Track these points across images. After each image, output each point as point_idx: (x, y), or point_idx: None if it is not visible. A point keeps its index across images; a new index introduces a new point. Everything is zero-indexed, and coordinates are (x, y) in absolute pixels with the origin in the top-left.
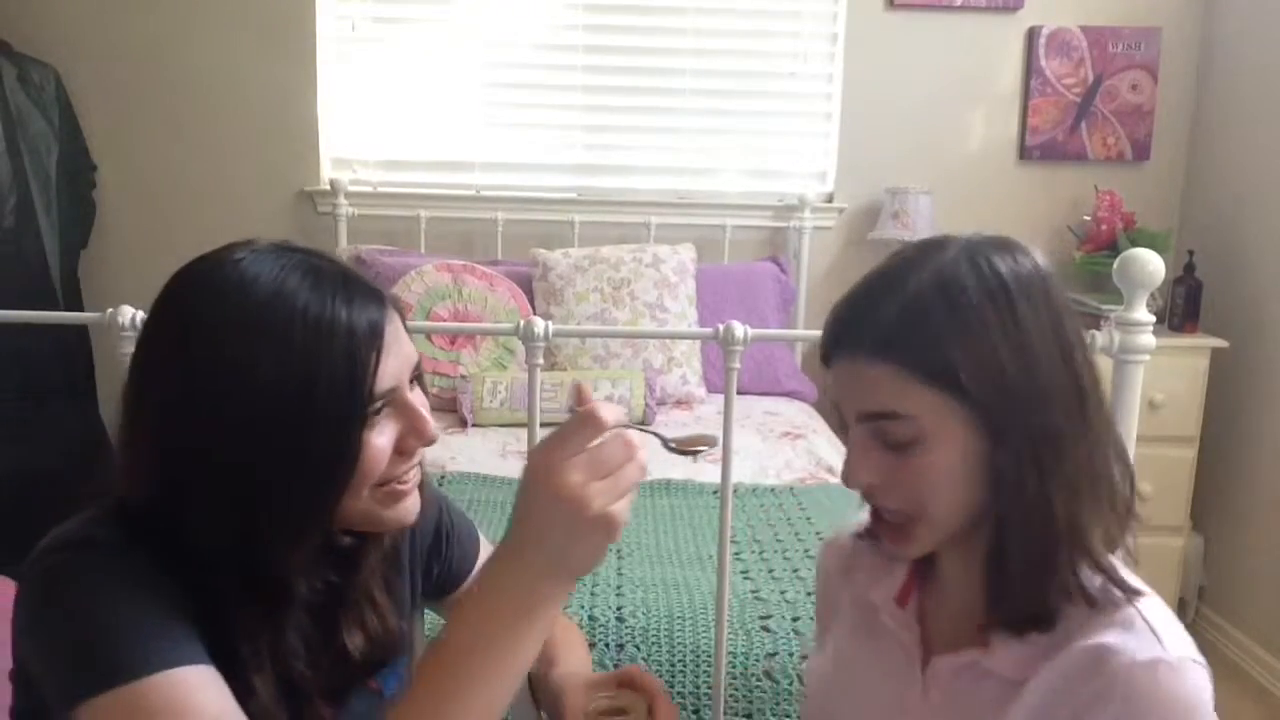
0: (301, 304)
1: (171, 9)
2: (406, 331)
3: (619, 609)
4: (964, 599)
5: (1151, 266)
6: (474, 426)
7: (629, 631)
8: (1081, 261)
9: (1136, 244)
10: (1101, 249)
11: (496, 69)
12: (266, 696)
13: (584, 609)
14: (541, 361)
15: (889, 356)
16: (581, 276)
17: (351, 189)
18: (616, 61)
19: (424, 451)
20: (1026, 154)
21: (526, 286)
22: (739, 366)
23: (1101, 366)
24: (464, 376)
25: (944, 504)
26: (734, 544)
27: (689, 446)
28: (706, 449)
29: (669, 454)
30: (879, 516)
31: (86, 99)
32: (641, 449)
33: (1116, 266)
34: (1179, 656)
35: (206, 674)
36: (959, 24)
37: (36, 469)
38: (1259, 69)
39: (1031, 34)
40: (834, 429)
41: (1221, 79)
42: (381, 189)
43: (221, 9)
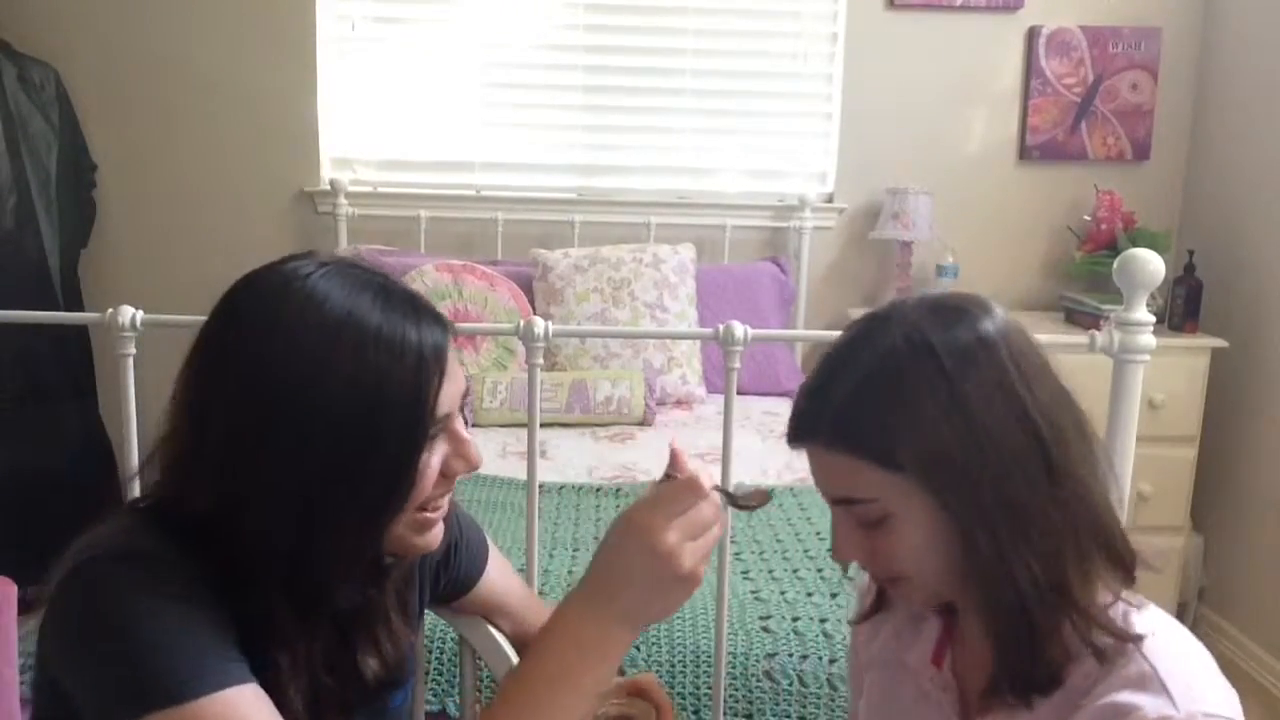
0: (374, 324)
1: (171, 9)
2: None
3: None
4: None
5: (1151, 266)
6: (474, 426)
7: None
8: (1081, 261)
9: (1136, 244)
10: (1101, 249)
11: (496, 69)
12: (299, 706)
13: None
14: (541, 361)
15: (840, 445)
16: (581, 276)
17: (351, 189)
18: (616, 61)
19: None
20: (1026, 154)
21: (526, 286)
22: (739, 366)
23: (1101, 367)
24: (464, 376)
25: (925, 573)
26: (734, 544)
27: (751, 501)
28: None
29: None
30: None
31: (86, 99)
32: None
33: (1116, 266)
34: (1189, 713)
35: (255, 694)
36: (959, 24)
37: (36, 469)
38: (1259, 69)
39: (1031, 34)
40: None
41: (1221, 79)
42: (381, 189)
43: (221, 9)
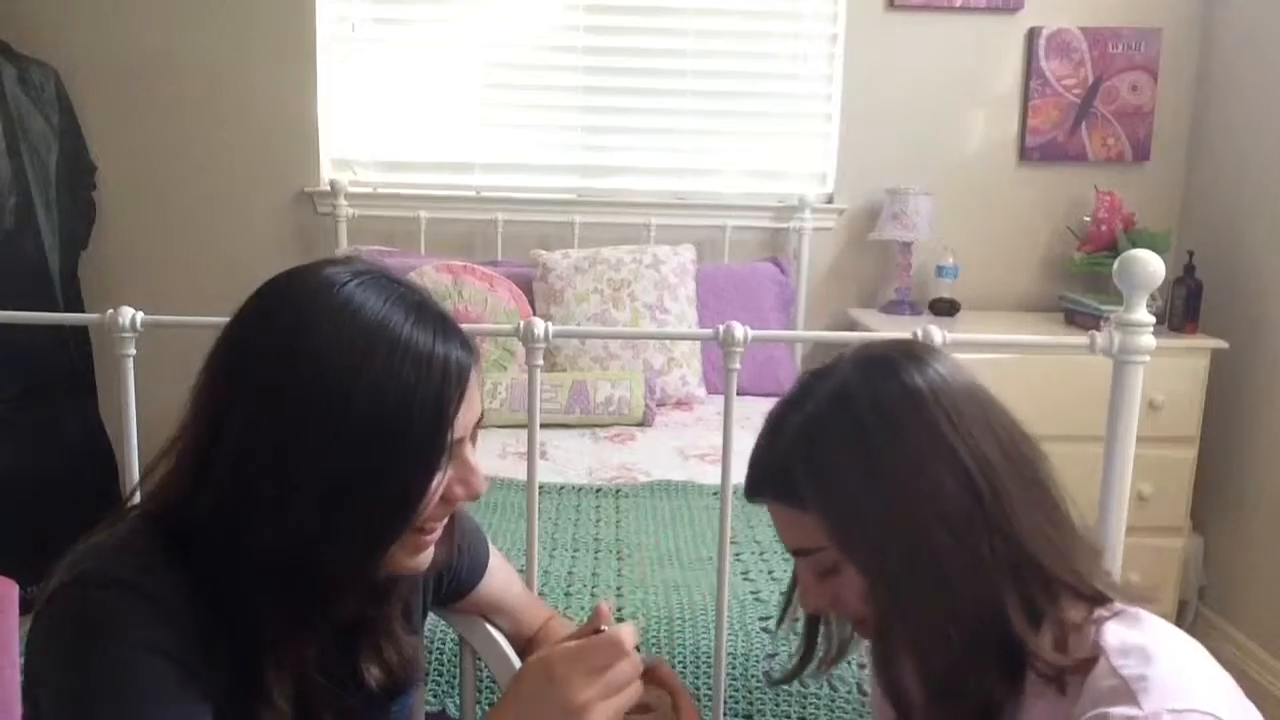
0: (405, 336)
1: (171, 9)
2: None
3: (619, 610)
4: None
5: (1151, 267)
6: None
7: None
8: (1081, 262)
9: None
10: (1101, 249)
11: (496, 69)
12: (282, 704)
13: (584, 610)
14: (541, 362)
15: (781, 500)
16: (581, 277)
17: (351, 190)
18: (616, 62)
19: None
20: (1026, 154)
21: (526, 287)
22: (739, 367)
23: (1101, 367)
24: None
25: (873, 615)
26: (734, 545)
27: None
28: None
29: (670, 454)
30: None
31: (86, 99)
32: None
33: (1116, 267)
34: (1152, 711)
35: None
36: (959, 24)
37: (36, 469)
38: (1259, 69)
39: (1031, 34)
40: None
41: (1221, 79)
42: (381, 190)
43: (222, 9)
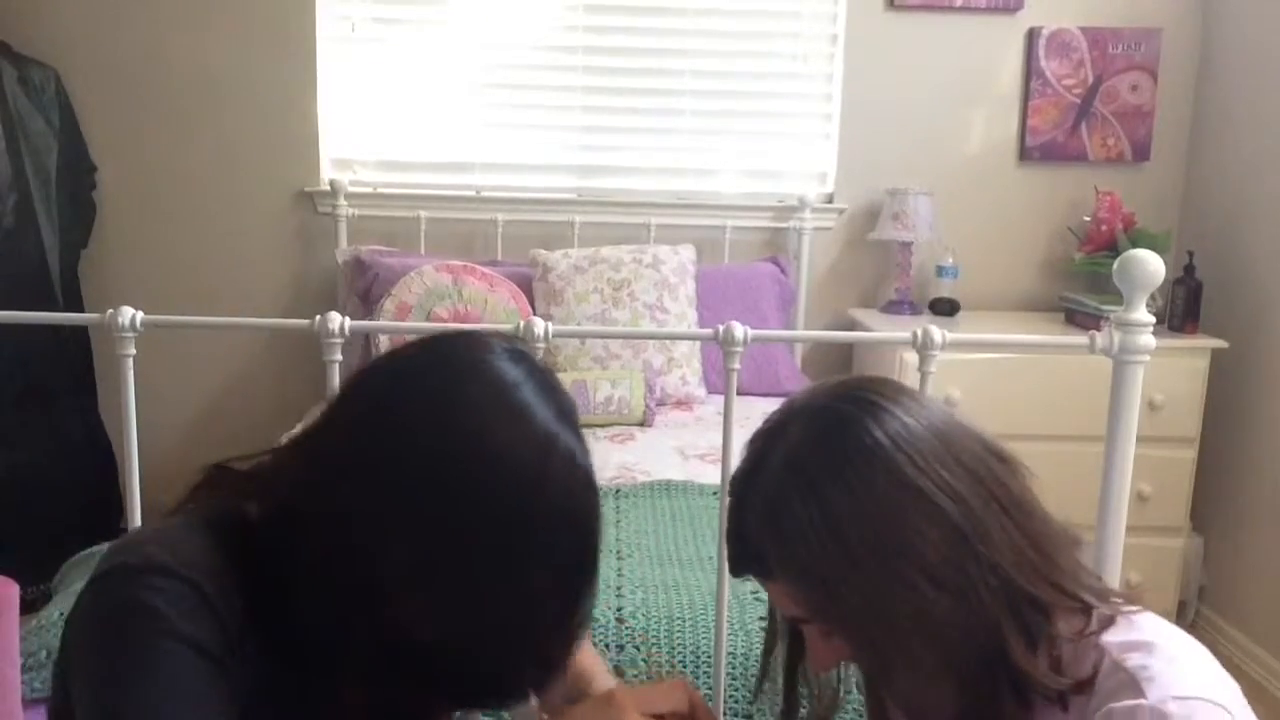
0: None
1: (172, 9)
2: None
3: (619, 610)
4: None
5: (1151, 267)
6: None
7: (629, 632)
8: (1081, 262)
9: (1136, 244)
10: (1101, 249)
11: (496, 69)
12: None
13: None
14: None
15: (762, 577)
16: (581, 277)
17: (351, 190)
18: (616, 62)
19: None
20: (1026, 154)
21: (526, 287)
22: (739, 367)
23: (1101, 367)
24: None
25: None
26: None
27: None
28: None
29: (669, 454)
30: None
31: (86, 99)
32: None
33: (1116, 267)
34: (1158, 699)
35: None
36: (959, 24)
37: (36, 469)
38: (1259, 69)
39: (1031, 34)
40: None
41: (1221, 79)
42: (381, 190)
43: (222, 9)
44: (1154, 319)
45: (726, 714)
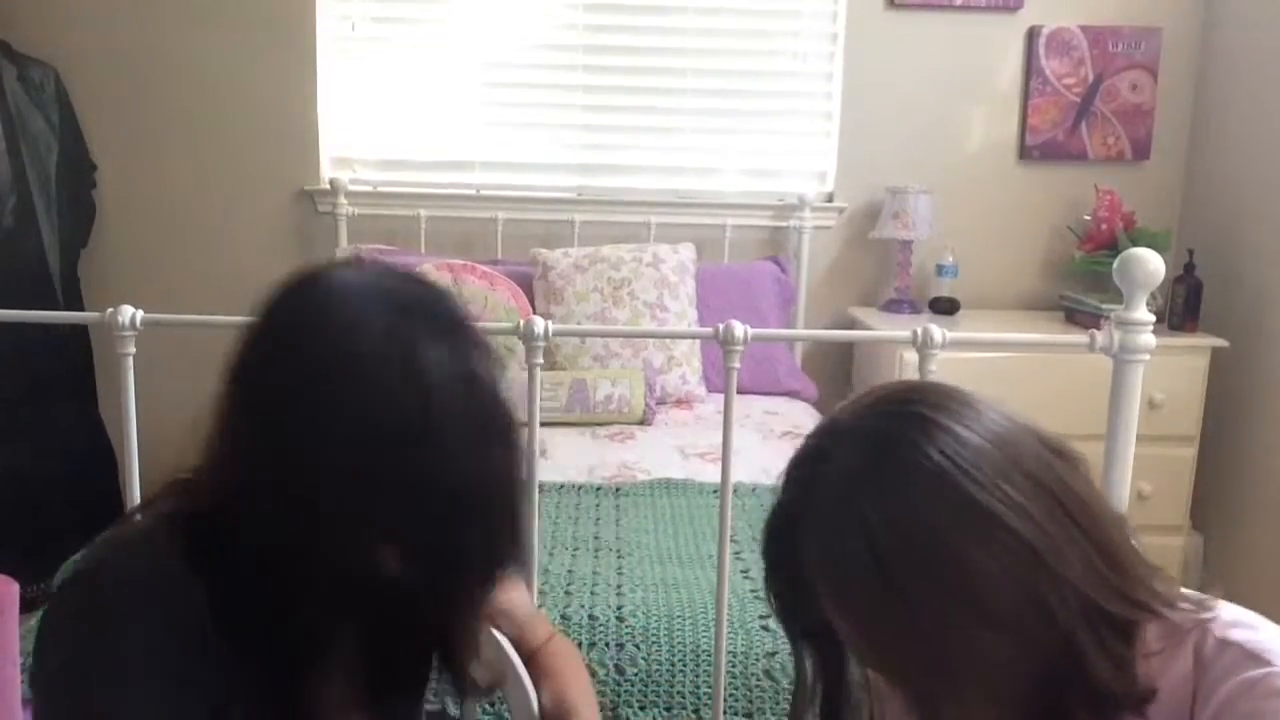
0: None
1: (171, 9)
2: None
3: (619, 608)
4: None
5: (1151, 266)
6: None
7: (629, 631)
8: (1081, 261)
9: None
10: (1101, 249)
11: (496, 68)
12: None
13: (584, 608)
14: (541, 361)
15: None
16: (581, 276)
17: (351, 188)
18: (616, 61)
19: None
20: (1026, 154)
21: (526, 286)
22: (739, 366)
23: (1101, 366)
24: None
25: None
26: (734, 543)
27: None
28: None
29: (669, 453)
30: None
31: (86, 99)
32: None
33: (1116, 266)
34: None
35: None
36: (959, 24)
37: (36, 469)
38: (1259, 69)
39: (1031, 34)
40: None
41: (1221, 79)
42: (381, 188)
43: (221, 9)
44: (1154, 318)
45: (727, 712)
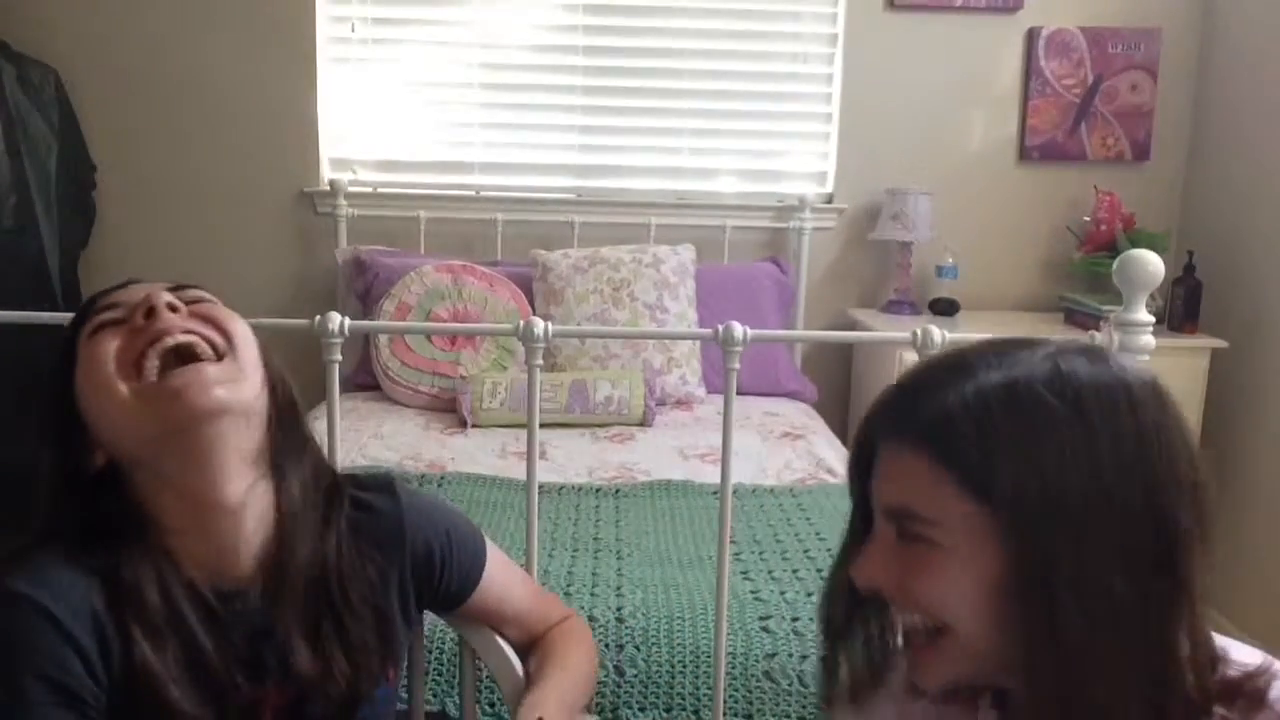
0: None
1: (171, 9)
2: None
3: (619, 609)
4: None
5: (1151, 267)
6: (473, 427)
7: (629, 632)
8: (1081, 262)
9: (1136, 244)
10: (1101, 249)
11: (496, 70)
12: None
13: (584, 609)
14: (541, 362)
15: (928, 450)
16: (581, 277)
17: (351, 190)
18: (615, 62)
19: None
20: (1026, 154)
21: (526, 287)
22: (738, 367)
23: None
24: (464, 377)
25: (965, 625)
26: (734, 544)
27: None
28: None
29: (669, 454)
30: (908, 638)
31: (86, 99)
32: None
33: (1116, 267)
34: None
35: None
36: (959, 24)
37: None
38: (1259, 69)
39: (1031, 34)
40: (834, 431)
41: (1221, 79)
42: (381, 190)
43: (221, 9)
44: (1154, 319)
45: (726, 714)
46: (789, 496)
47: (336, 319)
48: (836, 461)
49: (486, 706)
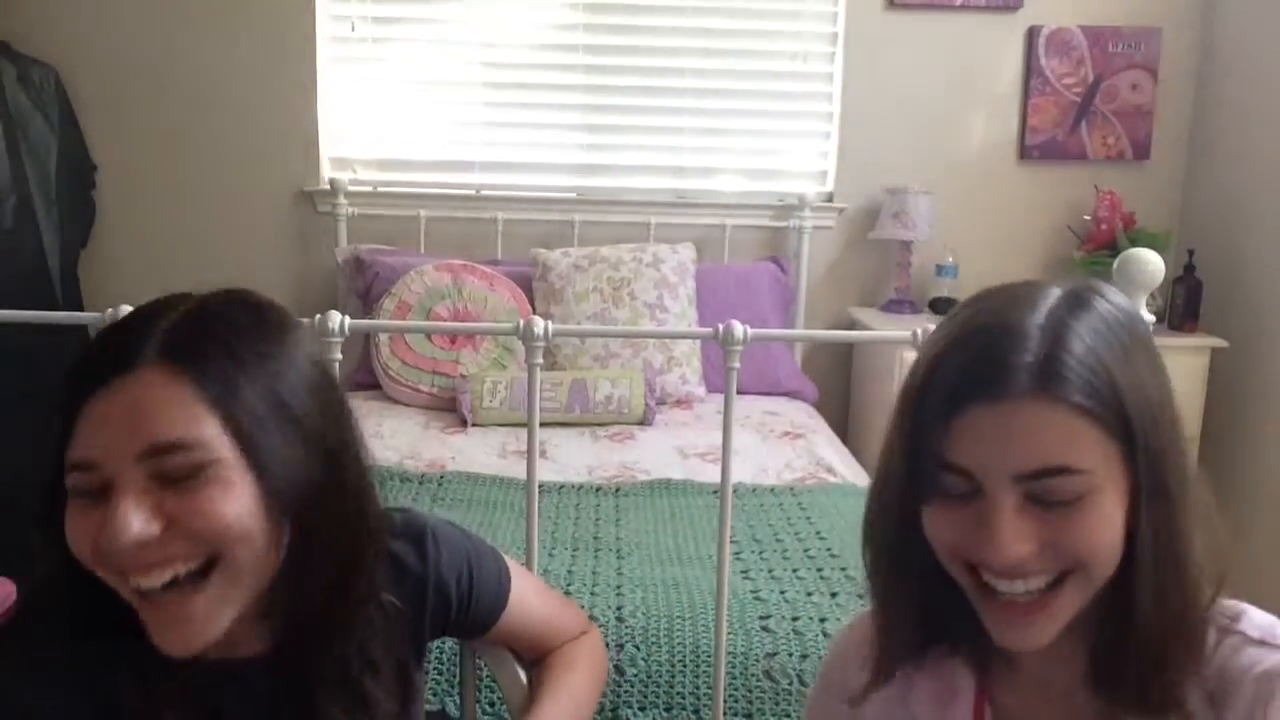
0: None
1: (172, 9)
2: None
3: (619, 609)
4: (1064, 698)
5: (1151, 266)
6: (473, 426)
7: (629, 631)
8: (1081, 261)
9: (1136, 244)
10: (1101, 249)
11: (496, 69)
12: None
13: (584, 608)
14: (541, 361)
15: (1072, 401)
16: (581, 276)
17: (351, 189)
18: (616, 61)
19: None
20: (1026, 154)
21: (526, 286)
22: (739, 366)
23: None
24: (464, 376)
25: (1111, 555)
26: (734, 544)
27: None
28: None
29: (669, 453)
30: (995, 603)
31: (86, 99)
32: None
33: (1116, 266)
34: None
35: None
36: (959, 24)
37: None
38: (1259, 69)
39: (1031, 34)
40: (834, 430)
41: (1221, 79)
42: (381, 189)
43: (221, 9)
44: (1154, 318)
45: (726, 713)
46: (789, 496)
47: (336, 318)
48: (837, 461)
49: (486, 706)
